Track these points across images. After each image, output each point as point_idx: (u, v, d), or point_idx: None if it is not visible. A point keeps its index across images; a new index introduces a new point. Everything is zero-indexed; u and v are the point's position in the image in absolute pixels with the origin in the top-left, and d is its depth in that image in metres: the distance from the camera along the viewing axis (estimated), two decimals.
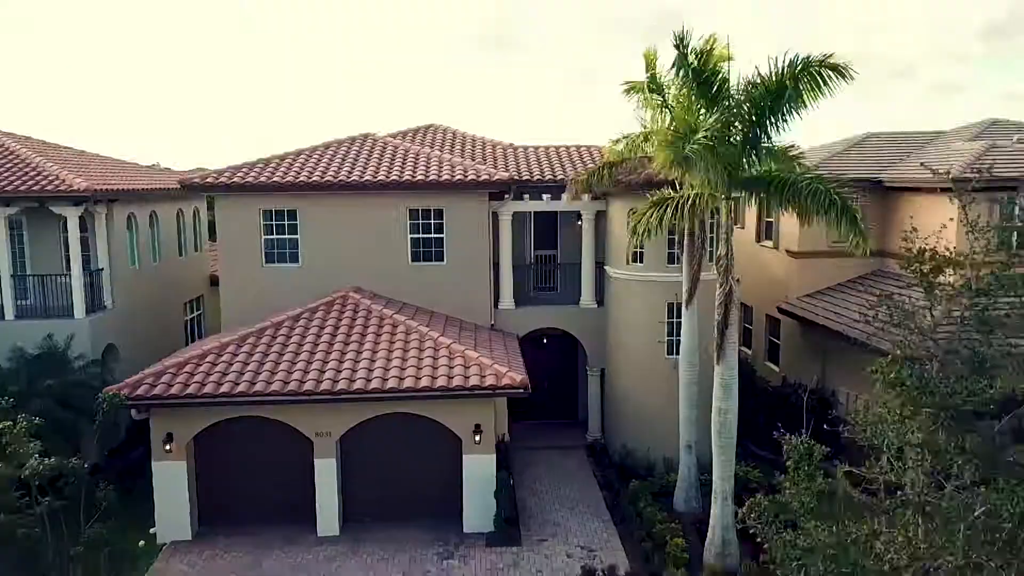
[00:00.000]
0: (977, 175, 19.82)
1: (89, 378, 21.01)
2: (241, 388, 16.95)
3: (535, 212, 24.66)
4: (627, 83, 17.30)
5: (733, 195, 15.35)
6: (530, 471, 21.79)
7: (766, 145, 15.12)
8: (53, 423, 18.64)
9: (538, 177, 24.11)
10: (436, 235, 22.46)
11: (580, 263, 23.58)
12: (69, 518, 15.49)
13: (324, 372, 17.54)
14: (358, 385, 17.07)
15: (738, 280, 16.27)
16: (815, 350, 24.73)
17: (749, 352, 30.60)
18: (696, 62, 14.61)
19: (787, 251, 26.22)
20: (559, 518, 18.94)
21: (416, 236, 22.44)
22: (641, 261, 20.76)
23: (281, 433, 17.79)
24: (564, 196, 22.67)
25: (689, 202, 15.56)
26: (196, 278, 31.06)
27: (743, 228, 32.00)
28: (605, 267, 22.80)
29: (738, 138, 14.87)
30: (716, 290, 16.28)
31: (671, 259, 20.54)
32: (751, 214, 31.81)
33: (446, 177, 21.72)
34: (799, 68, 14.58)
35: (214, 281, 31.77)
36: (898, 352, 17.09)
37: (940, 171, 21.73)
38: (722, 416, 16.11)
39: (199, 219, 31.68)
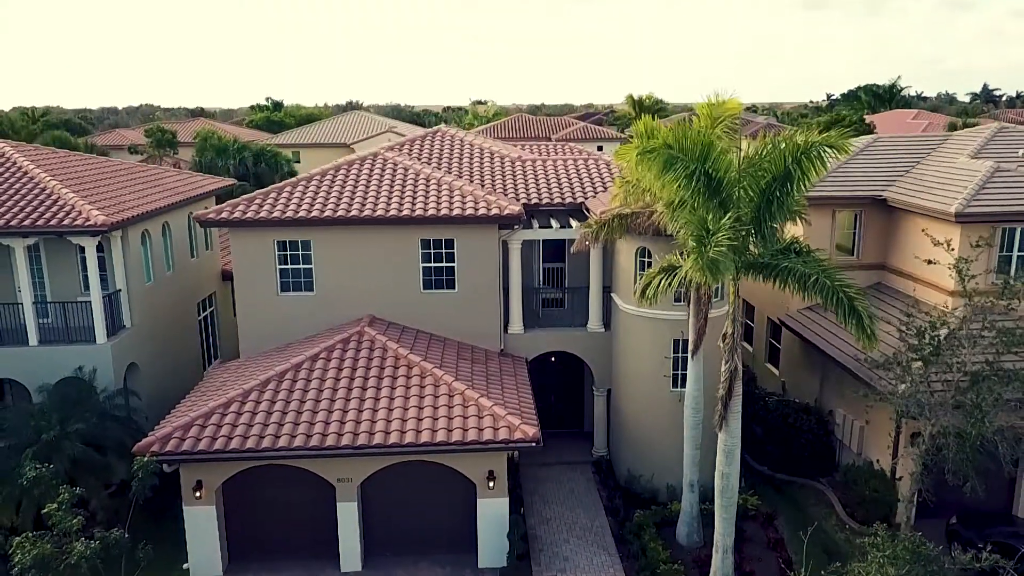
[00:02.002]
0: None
1: (114, 409, 21.86)
2: (266, 443, 17.80)
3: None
4: (622, 148, 17.50)
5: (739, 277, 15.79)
6: (540, 492, 22.86)
7: (772, 224, 15.49)
8: (86, 465, 19.68)
9: (547, 201, 24.50)
10: (447, 264, 22.94)
11: (587, 286, 24.08)
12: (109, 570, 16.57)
13: (344, 424, 18.34)
14: (377, 439, 17.91)
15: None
16: (814, 365, 25.47)
17: (750, 349, 31.40)
18: (705, 165, 14.83)
19: None
20: (568, 551, 20.06)
21: (428, 265, 22.91)
22: None
23: (305, 477, 18.74)
24: (574, 225, 23.12)
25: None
26: (209, 275, 31.54)
27: None
28: (612, 295, 23.34)
29: (745, 222, 15.24)
30: (722, 329, 16.84)
31: (677, 297, 21.04)
32: None
33: (457, 211, 22.06)
34: (801, 151, 14.88)
35: (226, 276, 32.36)
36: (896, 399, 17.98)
37: (941, 210, 22.27)
38: (725, 480, 16.97)
39: None
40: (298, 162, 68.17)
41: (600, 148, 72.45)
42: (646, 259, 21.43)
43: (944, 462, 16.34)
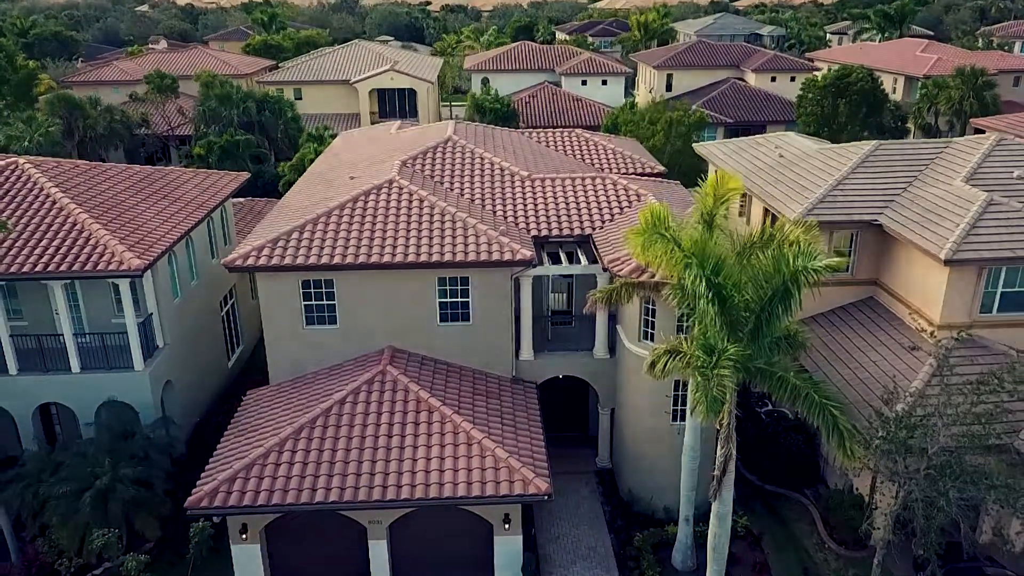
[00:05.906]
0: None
1: (157, 439, 23.69)
2: (304, 497, 19.74)
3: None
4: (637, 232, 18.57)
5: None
6: (548, 508, 24.98)
7: (770, 334, 16.87)
8: (139, 504, 21.75)
9: (556, 233, 25.61)
10: (463, 299, 24.28)
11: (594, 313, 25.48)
12: None
13: (374, 476, 20.23)
14: (405, 495, 19.86)
15: None
16: None
17: None
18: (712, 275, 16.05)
19: None
20: (574, 574, 22.39)
21: (444, 300, 24.26)
22: (652, 340, 22.77)
23: (340, 519, 20.89)
24: (583, 260, 24.46)
25: None
26: (227, 272, 32.72)
27: (748, 224, 33.39)
28: (617, 327, 24.79)
29: (746, 330, 16.61)
30: None
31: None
32: (757, 209, 33.09)
33: (472, 256, 23.22)
34: (798, 270, 16.13)
35: None
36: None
37: (934, 252, 23.41)
38: (716, 539, 19.00)
39: (226, 215, 32.91)
40: (300, 99, 67.71)
41: (604, 83, 72.06)
42: (651, 305, 22.78)
43: (912, 534, 18.28)
